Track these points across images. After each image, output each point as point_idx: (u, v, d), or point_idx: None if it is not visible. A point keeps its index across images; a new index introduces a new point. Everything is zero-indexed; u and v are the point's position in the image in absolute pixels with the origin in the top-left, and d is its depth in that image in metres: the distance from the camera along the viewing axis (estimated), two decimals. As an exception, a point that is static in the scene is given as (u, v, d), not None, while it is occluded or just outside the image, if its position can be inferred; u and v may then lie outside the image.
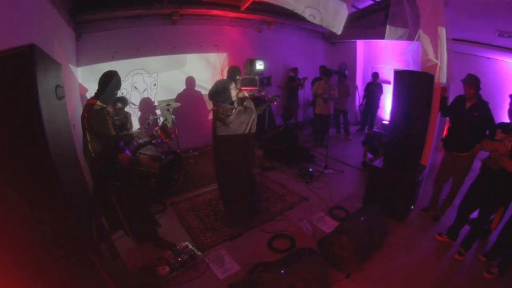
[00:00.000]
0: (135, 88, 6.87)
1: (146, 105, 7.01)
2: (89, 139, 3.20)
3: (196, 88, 7.75)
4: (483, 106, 4.04)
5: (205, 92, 7.85)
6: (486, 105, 4.03)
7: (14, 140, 1.91)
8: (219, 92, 4.05)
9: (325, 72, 7.90)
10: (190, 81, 7.60)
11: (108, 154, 3.35)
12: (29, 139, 1.91)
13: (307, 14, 5.21)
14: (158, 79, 7.16)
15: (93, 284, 2.25)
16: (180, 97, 7.37)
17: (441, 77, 4.61)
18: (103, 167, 3.35)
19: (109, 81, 3.42)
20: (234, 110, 3.96)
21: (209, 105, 7.96)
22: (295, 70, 9.50)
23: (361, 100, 9.90)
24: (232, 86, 4.11)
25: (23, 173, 1.96)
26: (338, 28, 5.51)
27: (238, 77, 4.98)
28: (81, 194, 2.49)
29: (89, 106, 3.28)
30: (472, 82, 4.01)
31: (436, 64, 4.58)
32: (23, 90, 1.85)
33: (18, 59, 1.86)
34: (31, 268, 2.07)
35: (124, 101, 5.37)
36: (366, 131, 9.27)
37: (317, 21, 5.33)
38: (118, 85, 3.55)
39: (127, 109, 5.72)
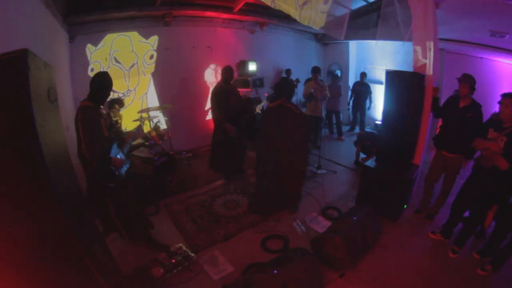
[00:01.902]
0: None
1: (140, 107, 6.96)
2: (82, 141, 3.19)
3: (189, 89, 7.72)
4: (477, 108, 4.03)
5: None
6: (480, 108, 4.03)
7: (6, 144, 1.90)
8: (288, 89, 4.64)
9: (314, 70, 7.84)
10: (183, 83, 7.57)
11: (101, 156, 3.34)
12: (22, 142, 1.91)
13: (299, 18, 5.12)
14: (152, 81, 7.14)
15: (87, 287, 2.25)
16: (173, 99, 7.33)
17: (432, 77, 4.64)
18: (97, 169, 3.34)
19: (101, 82, 3.43)
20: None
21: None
22: (288, 71, 9.47)
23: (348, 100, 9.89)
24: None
25: (15, 176, 1.96)
26: (336, 33, 5.38)
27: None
28: (75, 196, 2.48)
29: (82, 108, 3.29)
30: (466, 80, 4.02)
31: (426, 64, 4.61)
32: (16, 95, 1.86)
33: (11, 64, 1.86)
34: (24, 271, 2.07)
35: (120, 102, 5.36)
36: (356, 131, 9.29)
37: (313, 25, 5.25)
38: (109, 86, 3.55)
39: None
